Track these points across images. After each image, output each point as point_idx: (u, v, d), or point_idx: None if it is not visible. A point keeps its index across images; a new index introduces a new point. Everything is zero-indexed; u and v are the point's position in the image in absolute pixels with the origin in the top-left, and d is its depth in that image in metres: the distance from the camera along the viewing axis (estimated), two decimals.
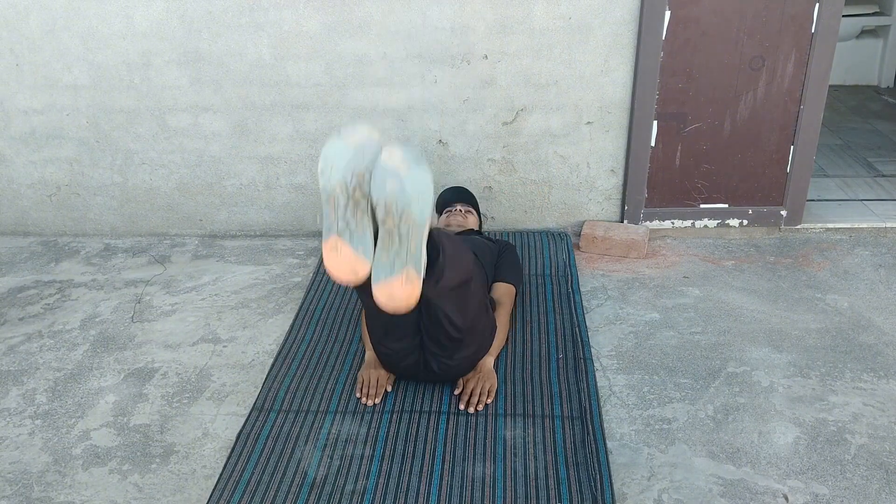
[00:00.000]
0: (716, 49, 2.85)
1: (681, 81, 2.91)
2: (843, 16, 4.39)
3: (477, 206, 2.91)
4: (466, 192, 2.90)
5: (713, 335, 2.52)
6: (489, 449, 1.99)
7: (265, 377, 2.32)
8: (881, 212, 3.27)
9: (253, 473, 1.93)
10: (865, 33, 5.12)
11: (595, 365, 2.37)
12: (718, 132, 3.00)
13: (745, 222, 3.16)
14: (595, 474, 1.88)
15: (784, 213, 3.13)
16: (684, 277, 2.90)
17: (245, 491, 1.87)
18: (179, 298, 2.87)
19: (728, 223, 3.17)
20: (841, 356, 2.40)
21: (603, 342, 2.50)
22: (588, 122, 3.03)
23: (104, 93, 3.09)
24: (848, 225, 3.18)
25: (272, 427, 2.09)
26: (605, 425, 2.11)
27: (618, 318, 2.63)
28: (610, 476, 1.87)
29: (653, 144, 3.02)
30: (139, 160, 3.23)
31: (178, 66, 3.02)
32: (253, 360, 2.48)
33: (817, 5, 2.76)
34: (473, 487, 1.87)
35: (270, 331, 2.64)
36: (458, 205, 2.83)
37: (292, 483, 1.90)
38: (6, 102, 3.14)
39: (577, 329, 2.47)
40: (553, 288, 2.75)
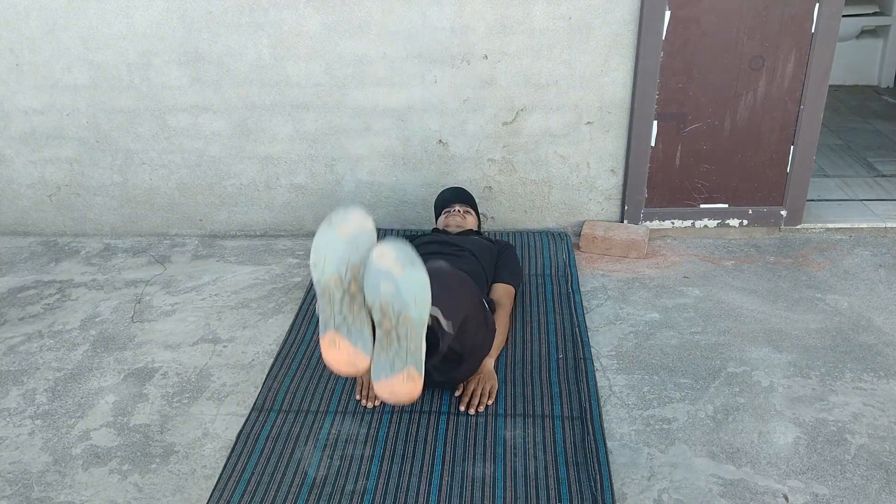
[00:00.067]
0: (716, 49, 2.85)
1: (681, 81, 2.91)
2: (843, 16, 4.39)
3: (476, 207, 2.91)
4: (465, 193, 2.90)
5: (713, 335, 2.52)
6: (489, 449, 1.99)
7: (265, 377, 2.33)
8: (881, 212, 3.27)
9: (253, 473, 1.93)
10: (865, 33, 5.12)
11: (595, 365, 2.37)
12: (718, 132, 3.00)
13: (745, 222, 3.15)
14: (595, 474, 1.88)
15: (784, 213, 3.13)
16: (684, 277, 2.90)
17: (245, 491, 1.87)
18: (179, 298, 2.87)
19: (728, 223, 3.16)
20: (841, 356, 2.40)
21: (603, 342, 2.50)
22: (588, 122, 3.03)
23: (104, 93, 3.09)
24: (848, 225, 3.18)
25: (272, 427, 2.09)
26: (605, 425, 2.11)
27: (618, 318, 2.63)
28: (610, 476, 1.88)
29: (653, 144, 3.02)
30: (139, 160, 3.23)
31: (178, 67, 3.02)
32: (253, 360, 2.48)
33: (817, 5, 2.76)
34: (473, 487, 1.87)
35: (270, 331, 2.64)
36: (457, 205, 2.83)
37: (292, 483, 1.90)
38: (6, 102, 3.14)
39: (577, 329, 2.47)
40: (553, 288, 2.75)
